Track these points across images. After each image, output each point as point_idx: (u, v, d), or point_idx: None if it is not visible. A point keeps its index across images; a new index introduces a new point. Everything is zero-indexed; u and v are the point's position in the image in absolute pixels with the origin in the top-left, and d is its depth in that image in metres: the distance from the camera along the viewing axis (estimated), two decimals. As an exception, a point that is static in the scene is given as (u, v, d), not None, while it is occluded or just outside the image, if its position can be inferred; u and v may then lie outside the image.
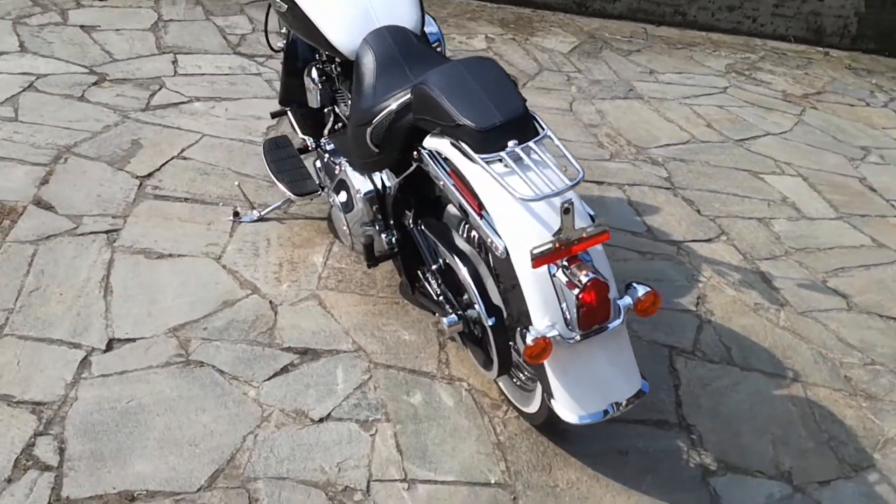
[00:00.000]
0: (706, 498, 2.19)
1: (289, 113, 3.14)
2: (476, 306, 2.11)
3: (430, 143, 2.17)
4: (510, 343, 2.08)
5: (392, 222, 2.48)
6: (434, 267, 2.30)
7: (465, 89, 2.04)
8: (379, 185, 2.54)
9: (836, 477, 2.30)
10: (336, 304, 2.70)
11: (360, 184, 2.55)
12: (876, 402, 2.59)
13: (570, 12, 5.77)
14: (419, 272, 2.54)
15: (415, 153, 2.23)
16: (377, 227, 2.56)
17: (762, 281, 3.13)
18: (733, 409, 2.50)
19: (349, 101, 2.73)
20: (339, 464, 2.15)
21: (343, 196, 2.61)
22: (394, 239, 2.50)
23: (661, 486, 2.20)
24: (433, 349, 2.56)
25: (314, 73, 2.81)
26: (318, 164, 2.90)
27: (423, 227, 2.34)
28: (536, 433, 2.30)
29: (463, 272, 2.14)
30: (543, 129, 2.03)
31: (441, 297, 2.32)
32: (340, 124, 2.95)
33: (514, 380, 2.27)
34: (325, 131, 2.98)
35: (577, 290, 1.80)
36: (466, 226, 2.28)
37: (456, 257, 2.18)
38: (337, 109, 2.91)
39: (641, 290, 1.88)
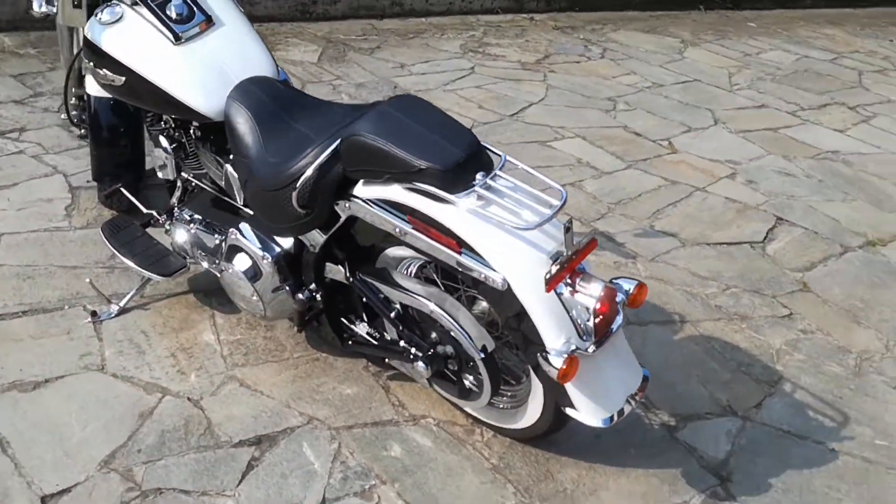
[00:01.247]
0: (683, 451, 2.39)
1: (122, 190, 2.81)
2: (461, 340, 2.08)
3: (368, 191, 2.08)
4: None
5: (313, 278, 2.35)
6: (392, 315, 2.23)
7: (408, 132, 1.98)
8: (287, 245, 2.38)
9: (763, 396, 2.62)
10: (259, 380, 2.49)
11: (265, 247, 2.38)
12: (751, 321, 2.98)
13: (296, 20, 5.69)
14: (345, 322, 2.45)
15: (346, 204, 2.13)
16: (288, 289, 2.41)
17: (607, 240, 3.41)
18: (654, 363, 2.71)
19: (214, 166, 2.52)
20: (365, 545, 2.03)
21: (243, 263, 2.41)
22: (318, 296, 2.37)
23: (645, 454, 2.36)
24: (381, 395, 2.48)
25: (164, 142, 2.53)
26: (182, 236, 2.64)
27: (363, 277, 2.25)
28: (521, 446, 2.34)
29: (437, 311, 2.09)
30: (500, 155, 2.05)
31: (403, 342, 2.25)
32: (181, 188, 2.72)
33: (496, 403, 2.28)
34: (175, 200, 2.72)
35: (593, 302, 1.86)
36: (415, 266, 2.23)
37: (422, 298, 2.13)
38: (186, 175, 2.66)
39: (629, 285, 1.98)
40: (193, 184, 2.69)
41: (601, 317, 1.88)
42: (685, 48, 5.93)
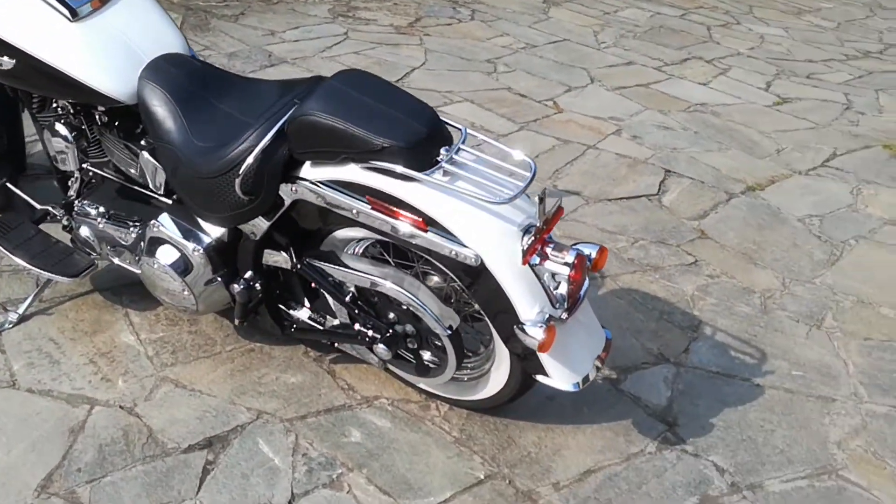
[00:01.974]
0: (629, 402, 2.47)
1: (8, 185, 2.53)
2: (426, 320, 2.04)
3: (317, 173, 1.97)
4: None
5: (251, 267, 2.23)
6: (347, 298, 2.14)
7: (363, 109, 1.89)
8: (217, 234, 2.23)
9: (688, 342, 2.74)
10: (194, 378, 2.35)
11: (193, 238, 2.22)
12: (663, 271, 3.10)
13: (148, -14, 5.30)
14: (284, 309, 2.34)
15: (292, 187, 2.01)
16: (221, 280, 2.27)
17: (515, 203, 3.43)
18: (584, 320, 2.78)
19: (122, 153, 2.31)
20: (347, 536, 1.97)
21: (169, 257, 2.24)
22: (257, 285, 2.24)
23: (595, 410, 2.41)
24: (328, 380, 2.40)
25: (64, 130, 2.29)
26: (88, 231, 2.42)
27: (311, 262, 2.14)
28: (479, 416, 2.33)
29: (398, 291, 2.03)
30: (460, 128, 2.00)
31: (358, 325, 2.18)
32: (79, 179, 2.49)
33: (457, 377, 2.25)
34: (73, 193, 2.49)
35: (567, 271, 1.86)
36: (361, 246, 2.15)
37: (378, 279, 2.06)
38: (87, 164, 2.44)
39: (591, 249, 1.99)
40: (91, 173, 2.46)
41: (574, 283, 1.88)
42: (548, 8, 6.03)
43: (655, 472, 2.24)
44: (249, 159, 1.94)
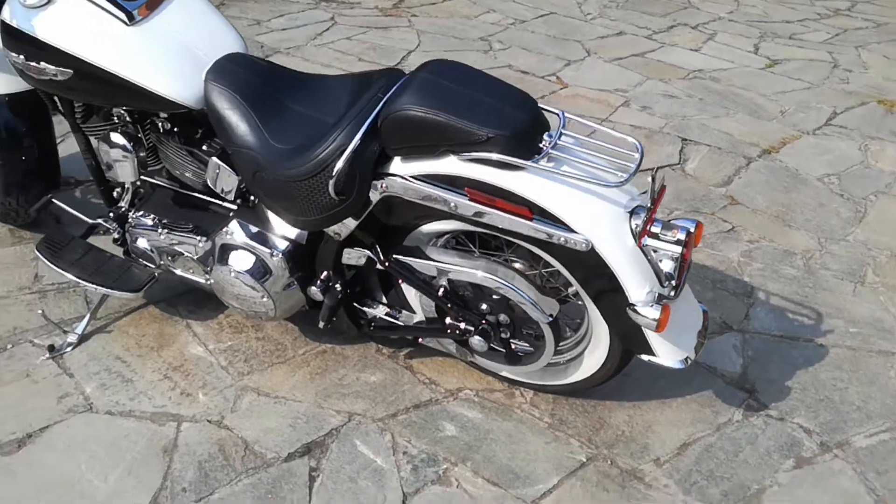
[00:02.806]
0: (705, 373, 2.48)
1: (55, 201, 2.43)
2: (528, 308, 2.01)
3: (410, 168, 1.92)
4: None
5: (331, 267, 2.17)
6: (440, 293, 2.10)
7: (462, 100, 1.84)
8: (293, 236, 2.17)
9: (747, 308, 2.76)
10: (275, 385, 2.29)
11: (269, 242, 2.16)
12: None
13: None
14: (359, 307, 2.30)
15: (382, 184, 1.96)
16: (296, 283, 2.22)
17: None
18: (640, 295, 2.79)
19: (184, 160, 2.23)
20: (469, 532, 1.95)
21: (245, 263, 2.17)
22: (338, 285, 2.19)
23: (675, 383, 2.42)
24: (408, 376, 2.36)
25: (122, 140, 2.19)
26: (146, 243, 2.34)
27: (399, 259, 2.10)
28: (565, 400, 2.32)
29: (497, 282, 2.00)
30: (558, 113, 1.96)
31: (449, 319, 2.14)
32: (129, 189, 2.40)
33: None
34: (125, 204, 2.39)
35: (680, 249, 1.85)
36: (443, 239, 2.12)
37: (474, 270, 2.02)
38: (143, 174, 2.35)
39: (690, 225, 1.97)
40: (140, 182, 2.37)
41: (686, 262, 1.88)
42: (526, -19, 5.99)
43: (748, 440, 2.26)
44: (342, 159, 1.88)
